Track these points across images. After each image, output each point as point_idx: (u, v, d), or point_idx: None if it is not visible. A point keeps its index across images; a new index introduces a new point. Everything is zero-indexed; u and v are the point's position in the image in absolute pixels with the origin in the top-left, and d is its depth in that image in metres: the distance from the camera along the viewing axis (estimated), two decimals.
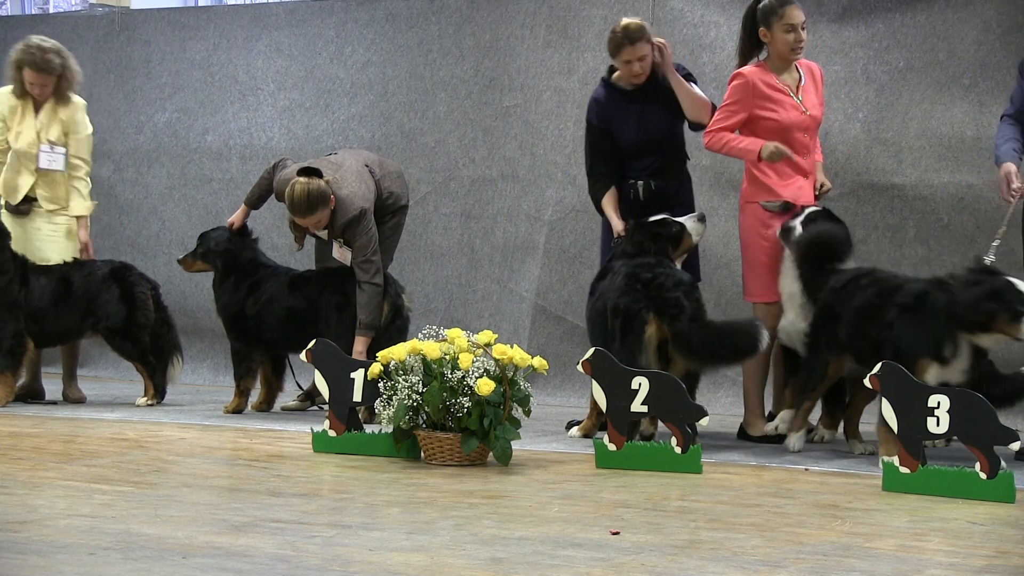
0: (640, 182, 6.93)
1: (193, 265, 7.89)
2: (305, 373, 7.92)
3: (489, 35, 9.14)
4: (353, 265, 7.40)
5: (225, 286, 7.73)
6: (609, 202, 6.96)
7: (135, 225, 10.14)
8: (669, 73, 6.86)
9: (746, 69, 6.70)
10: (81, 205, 8.06)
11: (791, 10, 6.62)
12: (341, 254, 7.51)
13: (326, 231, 7.51)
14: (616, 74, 7.01)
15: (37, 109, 8.01)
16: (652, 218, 6.70)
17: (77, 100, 8.11)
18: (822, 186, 6.87)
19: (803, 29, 6.67)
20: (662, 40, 6.94)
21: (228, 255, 7.71)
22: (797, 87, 6.74)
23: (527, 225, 8.86)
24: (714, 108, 6.86)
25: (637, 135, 6.95)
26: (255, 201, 7.86)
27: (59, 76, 7.96)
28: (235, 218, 7.82)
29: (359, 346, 7.25)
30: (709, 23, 8.49)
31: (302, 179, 7.26)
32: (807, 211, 6.54)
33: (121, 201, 10.18)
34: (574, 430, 6.80)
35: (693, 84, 6.94)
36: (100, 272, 7.95)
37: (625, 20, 6.93)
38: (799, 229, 6.46)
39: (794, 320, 6.49)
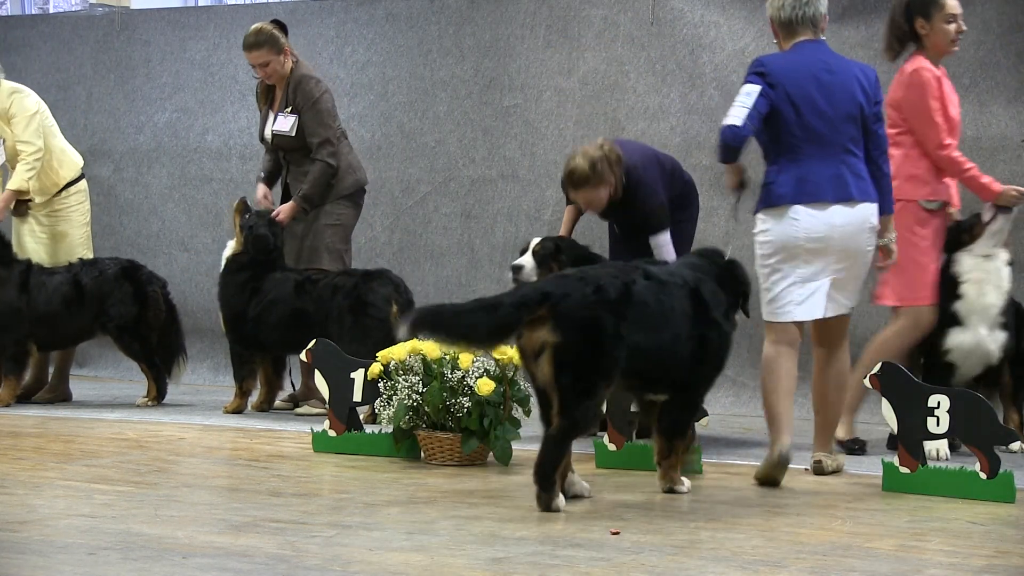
0: (616, 226, 7.01)
1: (235, 219, 7.72)
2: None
3: (489, 35, 9.14)
4: (307, 138, 7.57)
5: (238, 278, 7.61)
6: (568, 213, 7.16)
7: (135, 225, 10.14)
8: None
9: (924, 64, 6.27)
10: (14, 180, 7.85)
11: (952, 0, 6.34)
12: (283, 122, 7.60)
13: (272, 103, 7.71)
14: None
15: None
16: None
17: (7, 84, 7.97)
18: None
19: (962, 20, 6.36)
20: None
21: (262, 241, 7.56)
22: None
23: (527, 225, 8.86)
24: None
25: (602, 218, 7.04)
26: (265, 176, 7.88)
27: None
28: (281, 213, 7.63)
29: (286, 211, 7.53)
30: (709, 23, 8.50)
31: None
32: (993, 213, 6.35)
33: (121, 201, 10.18)
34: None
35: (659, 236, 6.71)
36: (111, 271, 7.91)
37: (574, 162, 6.66)
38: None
39: (987, 335, 6.30)
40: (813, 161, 5.51)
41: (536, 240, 6.82)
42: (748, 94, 5.46)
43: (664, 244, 6.69)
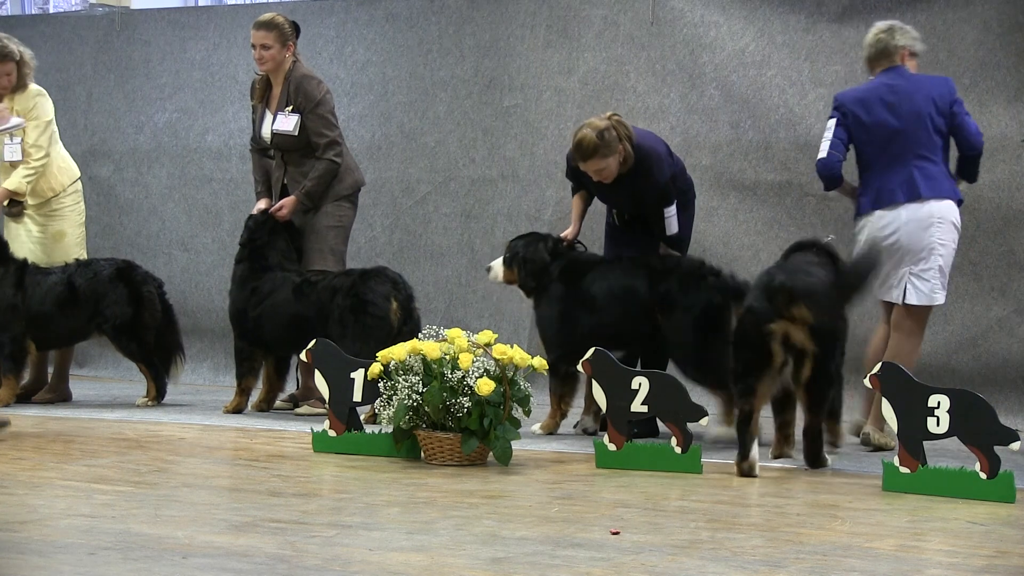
0: (615, 211, 7.10)
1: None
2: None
3: (489, 35, 9.14)
4: (312, 138, 7.59)
5: (241, 272, 7.65)
6: (575, 203, 7.19)
7: (135, 225, 10.14)
8: None
9: None
10: (11, 180, 7.87)
11: None
12: (285, 121, 7.61)
13: (266, 101, 7.74)
14: None
15: None
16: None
17: (33, 86, 7.99)
18: None
19: None
20: None
21: (252, 241, 7.65)
22: None
23: (527, 225, 8.85)
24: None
25: (606, 201, 7.11)
26: (262, 188, 7.89)
27: (18, 62, 7.90)
28: (283, 208, 7.66)
29: (288, 205, 7.57)
30: (709, 23, 8.49)
31: None
32: None
33: (121, 201, 10.18)
34: (535, 427, 6.84)
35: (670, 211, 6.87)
36: (105, 272, 7.91)
37: (581, 132, 6.71)
38: None
39: None
40: (886, 172, 6.49)
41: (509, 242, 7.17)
42: (829, 128, 6.59)
43: (673, 215, 6.86)
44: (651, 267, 6.71)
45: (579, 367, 5.95)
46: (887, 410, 5.33)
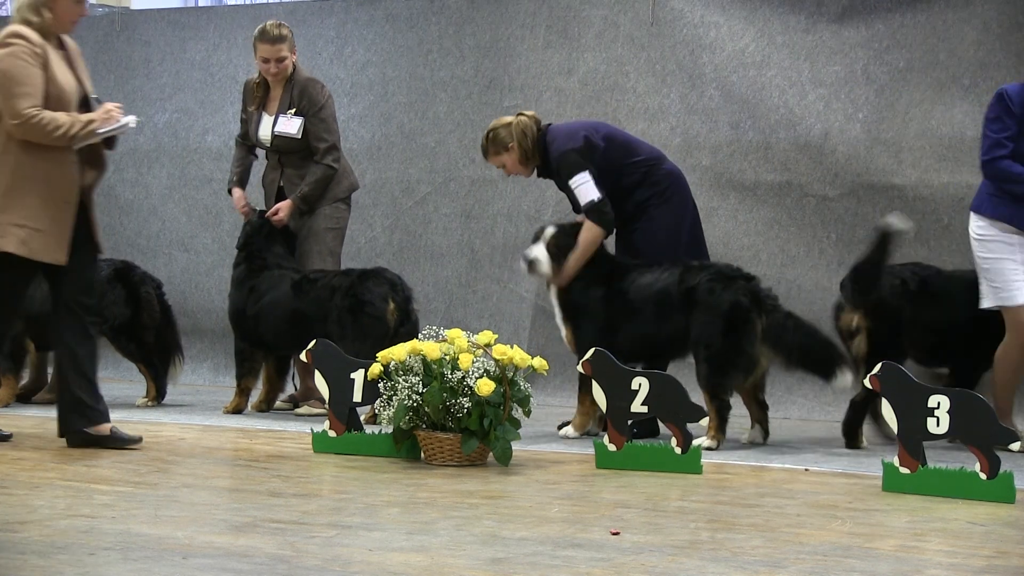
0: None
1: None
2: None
3: (489, 35, 9.14)
4: (312, 142, 7.62)
5: (239, 274, 7.67)
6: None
7: (135, 225, 10.14)
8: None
9: None
10: None
11: None
12: (288, 124, 7.63)
13: (267, 104, 7.75)
14: None
15: None
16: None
17: None
18: None
19: None
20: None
21: (248, 245, 7.69)
22: None
23: (527, 225, 8.86)
24: (593, 206, 6.75)
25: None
26: (237, 180, 7.94)
27: None
28: (280, 212, 7.69)
29: (285, 210, 7.59)
30: (709, 23, 8.50)
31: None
32: None
33: (121, 201, 10.18)
34: (568, 429, 6.78)
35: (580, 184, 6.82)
36: (103, 273, 7.90)
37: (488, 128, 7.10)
38: None
39: None
40: None
41: (550, 231, 6.84)
42: None
43: (582, 184, 6.79)
44: (686, 267, 6.62)
45: (579, 367, 5.95)
46: (887, 410, 5.33)
